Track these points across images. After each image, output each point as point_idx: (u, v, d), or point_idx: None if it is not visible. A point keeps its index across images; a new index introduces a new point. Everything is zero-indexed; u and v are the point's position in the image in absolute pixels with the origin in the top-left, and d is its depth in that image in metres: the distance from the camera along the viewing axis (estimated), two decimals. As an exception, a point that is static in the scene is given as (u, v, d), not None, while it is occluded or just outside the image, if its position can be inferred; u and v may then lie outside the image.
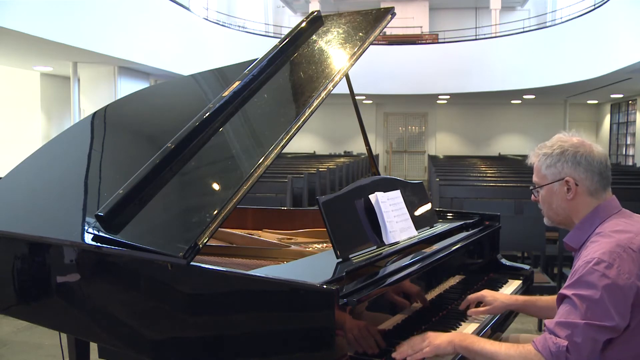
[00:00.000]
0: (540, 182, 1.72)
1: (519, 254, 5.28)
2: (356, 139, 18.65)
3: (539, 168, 1.71)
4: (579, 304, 1.45)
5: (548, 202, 1.71)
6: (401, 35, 16.95)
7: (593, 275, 1.45)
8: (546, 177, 1.69)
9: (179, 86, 3.04)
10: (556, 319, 1.49)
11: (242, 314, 1.55)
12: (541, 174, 1.71)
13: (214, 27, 13.87)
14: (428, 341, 1.61)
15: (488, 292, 2.00)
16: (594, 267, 1.46)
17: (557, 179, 1.66)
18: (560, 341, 1.43)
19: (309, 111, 1.94)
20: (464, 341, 1.58)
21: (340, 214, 1.87)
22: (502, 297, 2.00)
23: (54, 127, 11.38)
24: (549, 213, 1.74)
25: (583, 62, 11.85)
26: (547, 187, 1.69)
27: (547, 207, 1.73)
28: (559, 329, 1.46)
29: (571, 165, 1.64)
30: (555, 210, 1.70)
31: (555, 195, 1.68)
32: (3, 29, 6.90)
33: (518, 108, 19.00)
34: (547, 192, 1.70)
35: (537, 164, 1.72)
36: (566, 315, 1.47)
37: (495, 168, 10.94)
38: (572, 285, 1.49)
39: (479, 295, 1.99)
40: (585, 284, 1.46)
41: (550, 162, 1.67)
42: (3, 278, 2.16)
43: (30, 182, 2.46)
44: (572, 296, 1.47)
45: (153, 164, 1.88)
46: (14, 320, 3.95)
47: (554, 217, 1.73)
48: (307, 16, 2.48)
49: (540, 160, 1.70)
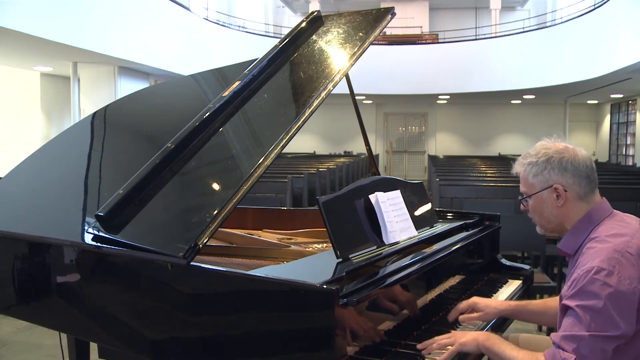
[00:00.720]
0: (528, 192, 1.70)
1: (519, 254, 5.27)
2: (356, 139, 18.65)
3: (526, 177, 1.70)
4: (583, 316, 1.43)
5: (539, 210, 1.70)
6: (401, 35, 16.96)
7: (594, 285, 1.43)
8: (534, 185, 1.68)
9: (179, 86, 3.04)
10: (561, 332, 1.47)
11: (242, 314, 1.55)
12: (529, 183, 1.69)
13: (214, 27, 13.87)
14: (454, 339, 1.63)
15: (479, 299, 1.96)
16: (595, 277, 1.44)
17: (545, 186, 1.65)
18: (568, 356, 1.42)
19: (309, 111, 1.94)
20: (487, 341, 1.60)
21: (340, 214, 1.87)
22: (495, 303, 1.96)
23: (54, 127, 11.38)
24: (540, 222, 1.73)
25: (583, 62, 11.85)
26: (536, 196, 1.68)
27: (538, 216, 1.72)
28: (564, 343, 1.44)
29: (558, 171, 1.63)
30: (547, 218, 1.69)
31: (545, 203, 1.67)
32: (3, 29, 6.90)
33: (518, 108, 19.00)
34: (536, 201, 1.69)
35: (524, 174, 1.70)
36: (570, 328, 1.45)
37: (495, 168, 10.93)
38: (574, 296, 1.47)
39: (471, 303, 1.94)
40: (587, 294, 1.44)
41: (537, 171, 1.66)
42: (3, 278, 2.16)
43: (30, 182, 2.45)
44: (575, 307, 1.45)
45: (153, 164, 1.88)
46: (14, 320, 3.95)
47: (545, 225, 1.72)
48: (307, 16, 2.48)
49: (527, 170, 1.69)
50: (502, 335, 2.03)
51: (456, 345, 1.62)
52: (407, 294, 1.81)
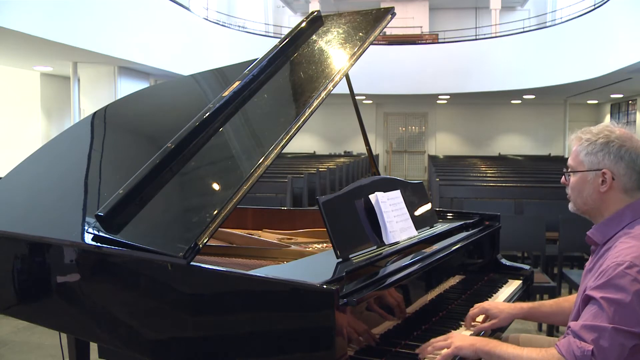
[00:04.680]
0: (575, 167, 1.65)
1: (519, 254, 5.27)
2: (356, 139, 18.65)
3: (578, 153, 1.64)
4: (607, 307, 1.40)
5: (579, 189, 1.65)
6: (401, 35, 16.96)
7: (624, 279, 1.41)
8: (583, 163, 1.62)
9: (179, 86, 3.04)
10: (581, 321, 1.44)
11: (242, 314, 1.55)
12: (579, 160, 1.64)
13: (214, 27, 13.87)
14: (450, 340, 1.60)
15: (491, 304, 1.91)
16: (626, 271, 1.41)
17: (594, 168, 1.60)
18: (585, 345, 1.39)
19: (309, 111, 1.94)
20: (485, 346, 1.56)
21: (340, 214, 1.87)
22: (507, 307, 1.91)
23: (54, 127, 11.38)
24: (576, 200, 1.67)
25: (583, 62, 11.85)
26: (581, 174, 1.63)
27: (575, 194, 1.66)
28: (584, 332, 1.41)
29: (613, 158, 1.58)
30: (585, 199, 1.64)
31: (587, 184, 1.62)
32: (3, 29, 6.89)
33: (518, 108, 19.00)
34: (579, 179, 1.64)
35: (577, 148, 1.65)
36: (592, 318, 1.42)
37: (495, 168, 10.93)
38: (601, 287, 1.44)
39: (482, 309, 1.90)
40: (615, 287, 1.41)
41: (592, 150, 1.61)
42: (3, 278, 2.16)
43: (31, 182, 2.45)
44: (600, 299, 1.42)
45: (153, 164, 1.87)
46: (14, 320, 3.95)
47: (580, 206, 1.67)
48: (307, 16, 2.48)
49: (582, 145, 1.63)
50: (503, 335, 2.03)
51: (452, 349, 1.58)
52: (407, 294, 1.81)
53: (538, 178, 8.40)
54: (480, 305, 1.92)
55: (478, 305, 1.93)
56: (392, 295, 1.72)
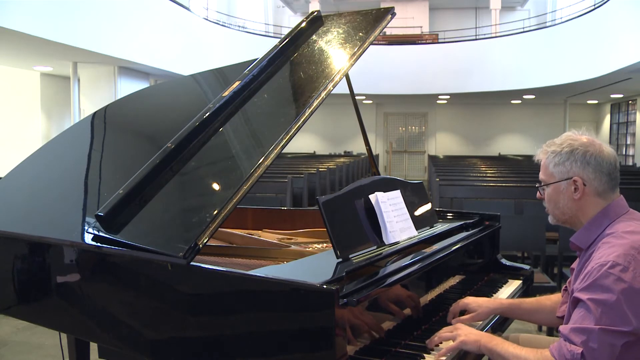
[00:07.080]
0: (547, 180, 1.70)
1: (519, 254, 5.27)
2: (356, 139, 18.66)
3: (547, 166, 1.69)
4: (594, 309, 1.42)
5: (554, 200, 1.69)
6: (401, 35, 16.96)
7: (608, 279, 1.43)
8: (553, 175, 1.67)
9: (179, 86, 3.04)
10: (570, 324, 1.46)
11: (242, 314, 1.55)
12: (548, 172, 1.68)
13: (214, 27, 13.87)
14: (457, 333, 1.64)
15: (471, 299, 1.96)
16: (609, 271, 1.43)
17: (564, 177, 1.64)
18: (575, 348, 1.41)
19: (309, 111, 1.94)
20: (489, 342, 1.59)
21: (340, 214, 1.87)
22: (486, 302, 1.96)
23: (54, 127, 11.38)
24: (554, 212, 1.72)
25: (583, 62, 11.86)
26: (553, 186, 1.67)
27: (552, 206, 1.71)
28: (573, 335, 1.43)
29: (580, 164, 1.62)
30: (562, 209, 1.68)
31: (562, 194, 1.66)
32: (3, 29, 6.90)
33: (518, 108, 19.00)
34: (553, 191, 1.68)
35: (545, 161, 1.70)
36: (580, 321, 1.44)
37: (495, 168, 10.94)
38: (586, 289, 1.46)
39: (462, 304, 1.95)
40: (600, 287, 1.43)
41: (559, 161, 1.65)
42: (3, 278, 2.16)
43: (31, 182, 2.45)
44: (587, 301, 1.44)
45: (153, 164, 1.87)
46: (14, 320, 3.95)
47: (559, 216, 1.71)
48: (307, 16, 2.48)
49: (549, 158, 1.68)
50: (502, 335, 2.04)
51: (457, 342, 1.62)
52: (407, 294, 1.81)
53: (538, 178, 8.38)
54: (461, 301, 1.96)
55: (460, 301, 1.97)
56: (392, 295, 1.72)
